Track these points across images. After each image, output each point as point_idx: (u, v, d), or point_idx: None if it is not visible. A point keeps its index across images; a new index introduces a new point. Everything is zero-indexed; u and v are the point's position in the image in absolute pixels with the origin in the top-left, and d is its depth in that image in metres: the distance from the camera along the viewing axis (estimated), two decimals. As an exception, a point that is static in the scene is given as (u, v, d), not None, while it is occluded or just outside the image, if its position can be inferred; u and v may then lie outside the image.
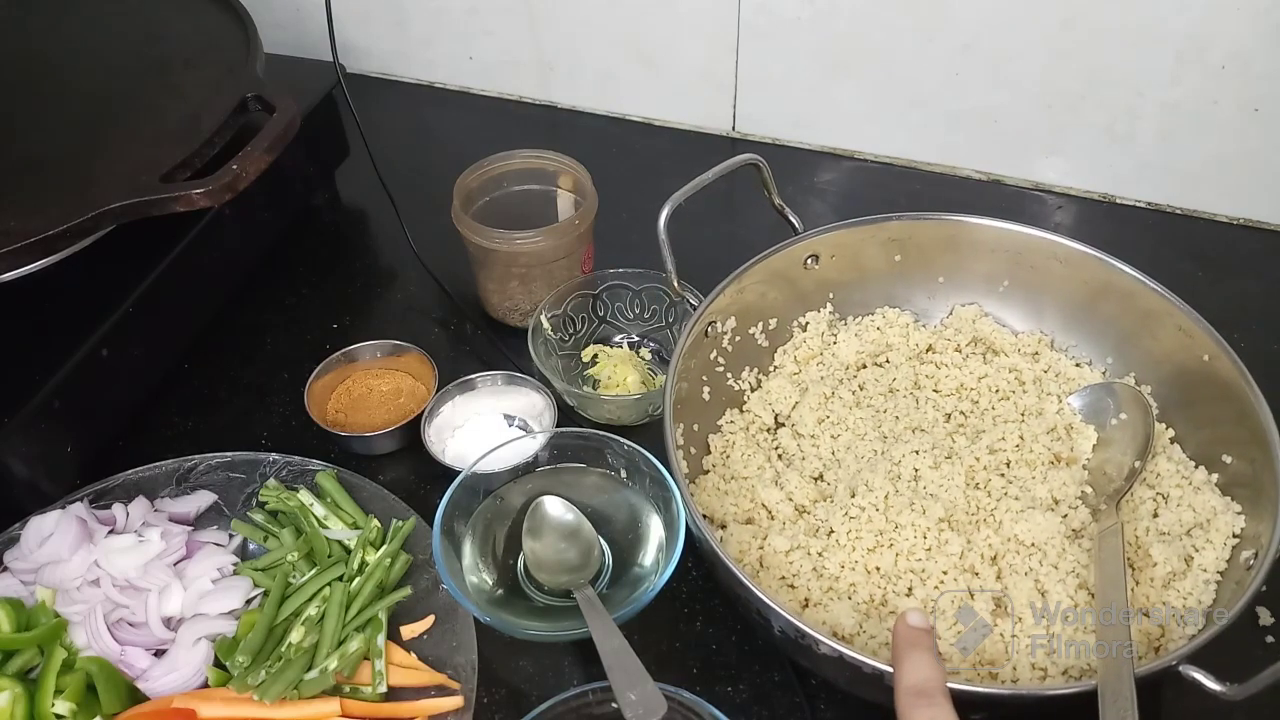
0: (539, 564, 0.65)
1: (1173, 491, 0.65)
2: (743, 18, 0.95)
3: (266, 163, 0.70)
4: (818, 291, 0.78)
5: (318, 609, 0.64)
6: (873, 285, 0.78)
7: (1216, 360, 0.65)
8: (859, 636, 0.59)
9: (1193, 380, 0.67)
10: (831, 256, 0.75)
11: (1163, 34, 0.84)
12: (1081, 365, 0.75)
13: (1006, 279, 0.76)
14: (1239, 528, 0.62)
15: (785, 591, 0.62)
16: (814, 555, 0.62)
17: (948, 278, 0.78)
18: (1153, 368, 0.71)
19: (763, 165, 0.72)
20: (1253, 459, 0.62)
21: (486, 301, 0.86)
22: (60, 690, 0.59)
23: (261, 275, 0.89)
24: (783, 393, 0.73)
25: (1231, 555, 0.61)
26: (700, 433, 0.71)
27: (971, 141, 0.97)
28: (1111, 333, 0.73)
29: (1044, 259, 0.74)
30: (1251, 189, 0.91)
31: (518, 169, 0.85)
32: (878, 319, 0.78)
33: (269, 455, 0.73)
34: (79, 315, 0.71)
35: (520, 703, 0.62)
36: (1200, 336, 0.66)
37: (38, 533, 0.66)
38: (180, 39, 0.82)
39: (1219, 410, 0.65)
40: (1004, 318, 0.77)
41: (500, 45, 1.07)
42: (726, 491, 0.68)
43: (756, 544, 0.64)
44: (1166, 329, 0.69)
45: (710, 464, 0.71)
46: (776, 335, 0.77)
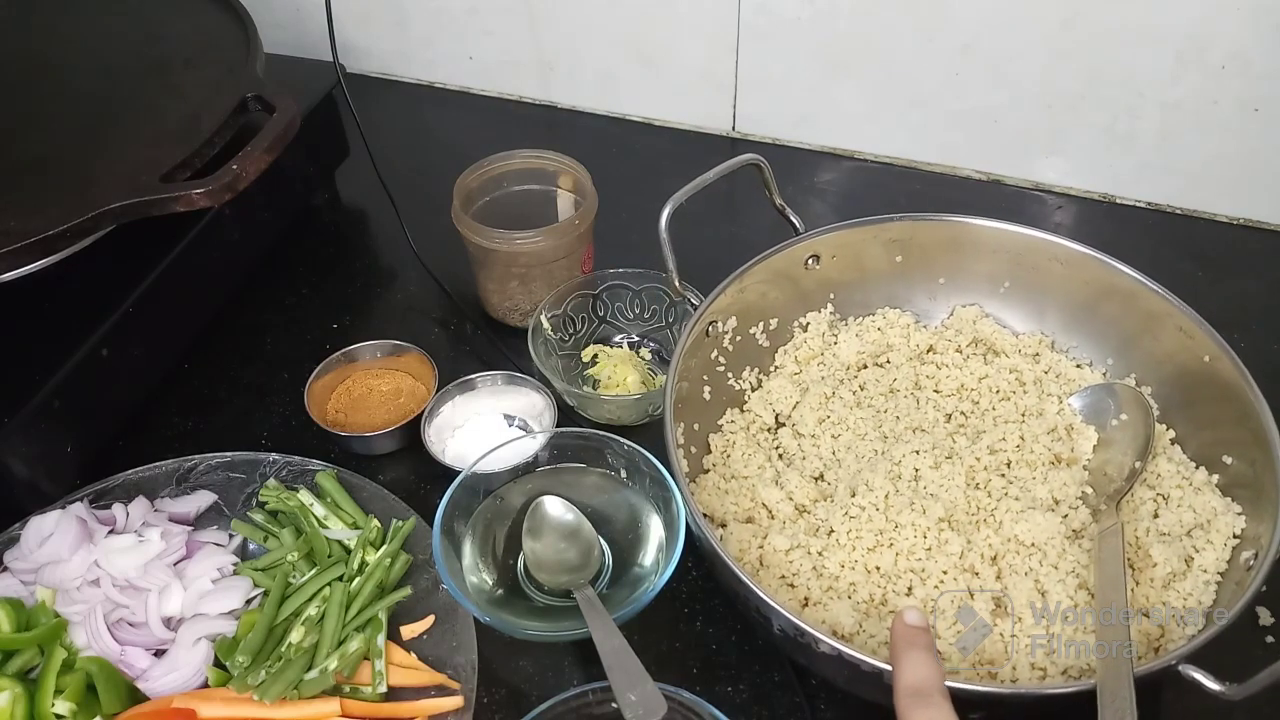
0: (539, 564, 0.65)
1: (1173, 492, 0.65)
2: (743, 18, 0.95)
3: (266, 163, 0.70)
4: (819, 291, 0.78)
5: (318, 609, 0.64)
6: (874, 286, 0.78)
7: (1217, 361, 0.65)
8: (858, 635, 0.59)
9: (1193, 381, 0.67)
10: (832, 257, 0.76)
11: (1163, 34, 0.84)
12: (1082, 366, 0.75)
13: (1007, 280, 0.76)
14: (1239, 528, 0.62)
15: (785, 590, 0.62)
16: (814, 554, 0.62)
17: (949, 278, 0.78)
18: (1154, 369, 0.71)
19: (764, 165, 0.72)
20: (1253, 460, 0.62)
21: (486, 301, 0.86)
22: (60, 690, 0.59)
23: (261, 275, 0.89)
24: (783, 392, 0.73)
25: (1232, 556, 0.61)
26: (701, 432, 0.72)
27: (971, 141, 0.97)
28: (1112, 334, 0.73)
29: (1045, 260, 0.74)
30: (1251, 189, 0.91)
31: (518, 169, 0.85)
32: (878, 319, 0.78)
33: (269, 455, 0.73)
34: (79, 315, 0.71)
35: (520, 703, 0.62)
36: (1201, 337, 0.66)
37: (38, 533, 0.66)
38: (180, 39, 0.82)
39: (1220, 411, 0.65)
40: (1005, 319, 0.77)
41: (500, 45, 1.07)
42: (727, 491, 0.68)
43: (756, 543, 0.64)
44: (1167, 330, 0.69)
45: (711, 463, 0.71)
46: (777, 335, 0.77)
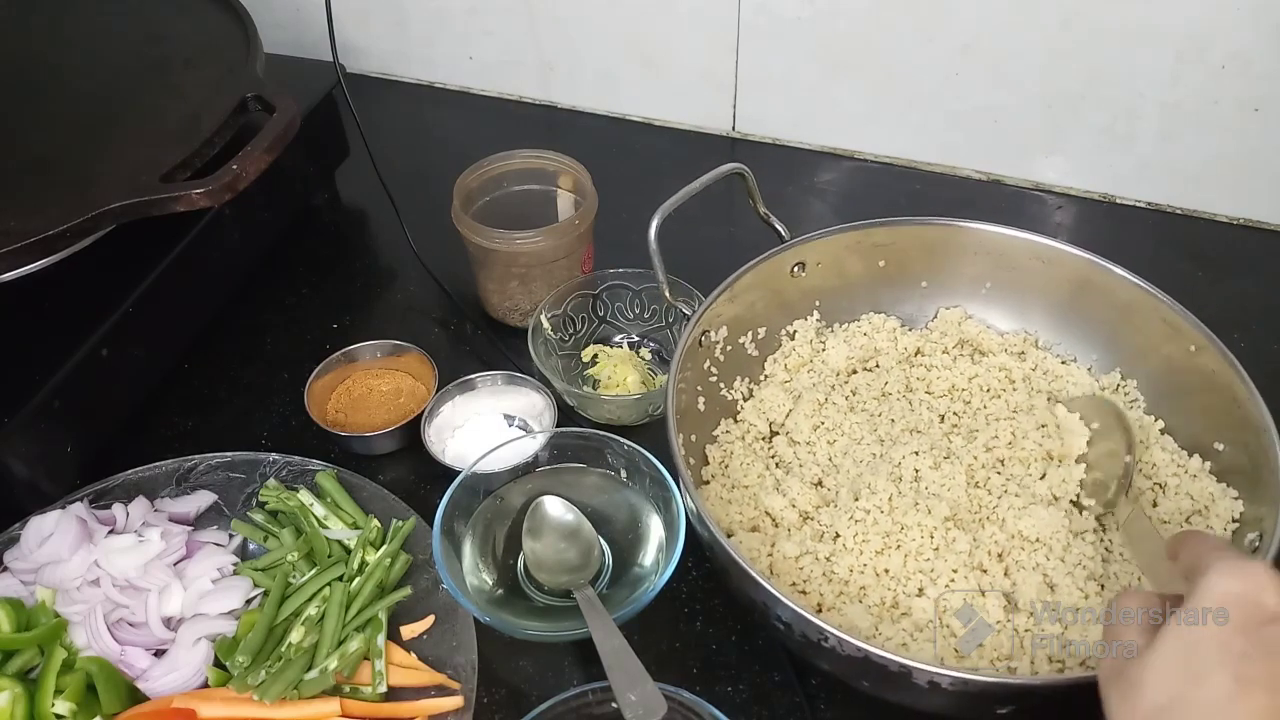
0: (539, 564, 0.65)
1: (1170, 480, 0.66)
2: (743, 18, 0.95)
3: (266, 163, 0.70)
4: (804, 300, 0.77)
5: (318, 609, 0.64)
6: (858, 291, 0.78)
7: (1204, 351, 0.65)
8: (875, 638, 0.59)
9: (1180, 372, 0.68)
10: (817, 264, 0.75)
11: (1163, 34, 0.84)
12: (1068, 362, 0.75)
13: (989, 281, 0.76)
14: (1237, 512, 0.63)
15: (798, 597, 0.62)
16: (823, 560, 0.62)
17: (931, 281, 0.78)
18: (1139, 361, 0.71)
19: (747, 174, 0.72)
20: (1246, 444, 0.62)
21: (486, 301, 0.86)
22: (60, 690, 0.59)
23: (261, 275, 0.89)
24: (775, 401, 0.73)
25: (1233, 539, 0.62)
26: (698, 443, 0.71)
27: (971, 141, 0.97)
28: (1097, 329, 0.74)
29: (1025, 259, 0.74)
30: (1251, 189, 0.91)
31: (518, 169, 0.85)
32: (864, 325, 0.78)
33: (269, 455, 0.73)
34: (79, 315, 0.71)
35: (520, 703, 0.62)
36: (1186, 329, 0.66)
37: (38, 533, 0.66)
38: (180, 39, 0.82)
39: (1209, 399, 0.66)
40: (989, 319, 0.77)
41: (500, 45, 1.07)
42: (730, 500, 0.68)
43: (765, 550, 0.64)
44: (1151, 322, 0.69)
45: (710, 474, 0.71)
46: (766, 344, 0.77)
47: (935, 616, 0.59)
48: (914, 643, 0.58)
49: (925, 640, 0.58)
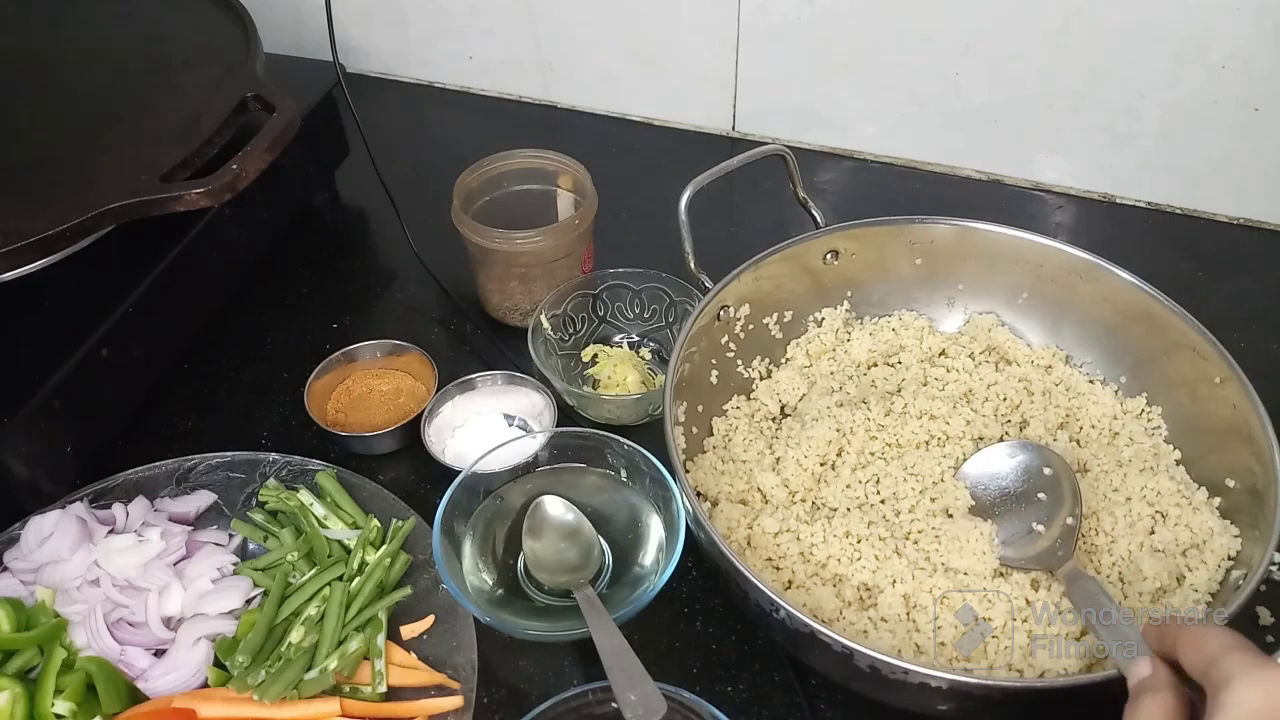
0: (539, 564, 0.65)
1: (1171, 510, 0.64)
2: (743, 18, 0.95)
3: (266, 162, 0.70)
4: (836, 288, 0.78)
5: (318, 609, 0.64)
6: (892, 286, 0.78)
7: (1228, 383, 0.64)
8: (838, 621, 0.59)
9: (1204, 401, 0.66)
10: (852, 254, 0.75)
11: (1163, 34, 0.84)
12: (1095, 382, 0.73)
13: (1026, 291, 0.76)
14: (1234, 550, 0.61)
15: (770, 572, 0.63)
16: (802, 540, 0.62)
17: (968, 285, 0.77)
18: (1166, 390, 0.70)
19: (789, 157, 0.73)
20: (1254, 482, 0.61)
21: (486, 301, 0.86)
22: (60, 690, 0.59)
23: (261, 275, 0.89)
24: (791, 384, 0.74)
25: (1225, 578, 0.61)
26: (705, 414, 0.72)
27: (971, 141, 0.97)
28: (1128, 353, 0.72)
29: (1065, 274, 0.73)
30: (1251, 189, 0.91)
31: (518, 169, 0.85)
32: (894, 320, 0.78)
33: (269, 455, 0.73)
34: (79, 315, 0.71)
35: (520, 703, 0.62)
36: (1214, 358, 0.64)
37: (38, 533, 0.66)
38: (180, 39, 0.82)
39: (1227, 435, 0.64)
40: (1021, 329, 0.77)
41: (500, 45, 1.07)
42: (723, 471, 0.69)
43: (745, 523, 0.64)
44: (1181, 351, 0.67)
45: (711, 445, 0.72)
46: (791, 327, 0.77)
47: (904, 611, 0.59)
48: (874, 632, 0.58)
49: (886, 631, 0.58)
